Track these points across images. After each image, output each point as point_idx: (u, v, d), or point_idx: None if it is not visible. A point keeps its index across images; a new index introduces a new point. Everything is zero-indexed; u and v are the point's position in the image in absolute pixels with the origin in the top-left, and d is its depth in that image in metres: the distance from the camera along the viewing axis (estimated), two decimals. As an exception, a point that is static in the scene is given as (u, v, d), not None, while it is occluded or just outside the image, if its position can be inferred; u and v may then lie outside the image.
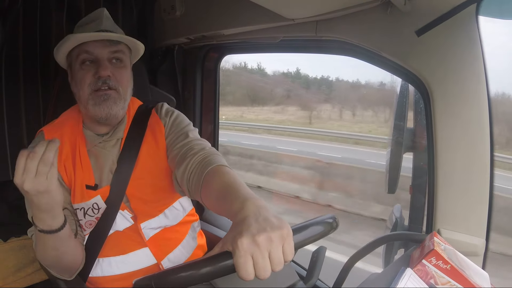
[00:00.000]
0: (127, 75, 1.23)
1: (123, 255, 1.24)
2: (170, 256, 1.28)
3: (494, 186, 1.17)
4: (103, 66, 1.15)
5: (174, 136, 1.26)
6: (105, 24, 1.20)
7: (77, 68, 1.17)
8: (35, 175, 0.89)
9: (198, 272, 0.88)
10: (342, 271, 1.28)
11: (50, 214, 0.99)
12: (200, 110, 2.08)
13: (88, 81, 1.15)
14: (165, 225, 1.29)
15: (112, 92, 1.17)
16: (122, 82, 1.19)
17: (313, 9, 1.26)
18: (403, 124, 1.40)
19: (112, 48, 1.18)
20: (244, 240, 0.70)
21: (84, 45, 1.16)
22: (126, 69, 1.23)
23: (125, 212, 1.23)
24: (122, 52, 1.21)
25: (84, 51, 1.16)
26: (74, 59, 1.18)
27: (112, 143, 1.24)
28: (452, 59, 1.14)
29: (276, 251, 0.71)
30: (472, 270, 0.97)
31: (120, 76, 1.19)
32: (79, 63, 1.16)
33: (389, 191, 1.43)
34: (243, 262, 0.70)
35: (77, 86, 1.18)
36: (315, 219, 1.05)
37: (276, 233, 0.72)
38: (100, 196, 1.20)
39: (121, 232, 1.23)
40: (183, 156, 1.18)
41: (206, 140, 1.25)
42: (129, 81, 1.23)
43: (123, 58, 1.21)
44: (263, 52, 1.86)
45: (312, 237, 0.98)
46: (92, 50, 1.16)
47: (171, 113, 1.32)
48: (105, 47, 1.17)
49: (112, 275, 1.24)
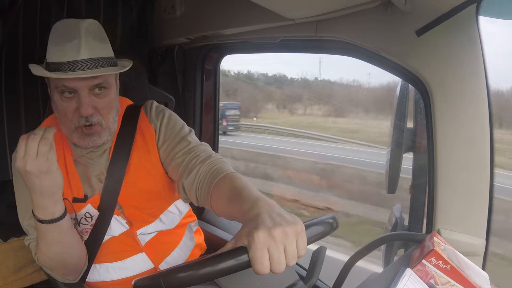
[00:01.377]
0: (112, 101, 1.14)
1: (120, 261, 1.23)
2: (167, 259, 1.28)
3: (494, 186, 1.17)
4: (84, 105, 1.06)
5: (171, 142, 1.21)
6: (84, 50, 1.05)
7: (56, 97, 1.08)
8: (36, 156, 0.91)
9: (212, 268, 0.89)
10: (342, 271, 1.28)
11: (52, 199, 0.99)
12: (200, 110, 2.07)
13: (70, 117, 1.08)
14: (161, 229, 1.27)
15: (96, 128, 1.11)
16: (106, 113, 1.12)
17: (313, 9, 1.26)
18: (403, 124, 1.40)
19: (93, 81, 1.07)
20: (260, 234, 0.71)
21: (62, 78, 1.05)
22: (111, 95, 1.13)
23: (119, 217, 1.21)
24: (106, 81, 1.11)
25: (62, 85, 1.06)
26: (52, 86, 1.10)
27: (99, 154, 1.20)
28: (452, 59, 1.14)
29: (291, 245, 0.73)
30: (472, 270, 0.97)
31: (103, 108, 1.11)
32: (58, 92, 1.07)
33: (389, 191, 1.43)
34: (260, 255, 0.71)
35: (59, 116, 1.11)
36: (315, 219, 1.05)
37: (291, 228, 0.73)
38: (91, 204, 1.17)
39: (117, 237, 1.22)
40: (188, 165, 1.14)
41: (206, 143, 1.23)
42: (113, 105, 1.16)
43: (106, 86, 1.11)
44: (263, 52, 1.86)
45: (313, 237, 0.98)
46: (71, 86, 1.05)
47: (162, 115, 1.25)
48: (85, 81, 1.06)
49: (110, 280, 1.24)
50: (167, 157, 1.20)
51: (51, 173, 0.94)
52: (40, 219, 1.01)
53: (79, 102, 1.06)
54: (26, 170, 0.91)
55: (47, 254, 1.10)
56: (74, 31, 1.06)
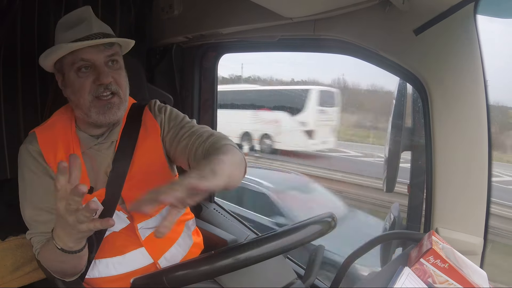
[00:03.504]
0: (124, 76, 1.21)
1: (120, 256, 1.23)
2: (166, 255, 1.28)
3: (492, 185, 1.17)
4: (104, 73, 1.12)
5: (176, 129, 1.25)
6: (95, 26, 1.15)
7: (72, 75, 1.14)
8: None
9: (212, 267, 0.89)
10: (340, 270, 1.28)
11: (76, 241, 0.98)
12: (198, 109, 2.07)
13: (88, 89, 1.13)
14: None
15: (115, 99, 1.15)
16: (122, 84, 1.18)
17: (311, 8, 1.26)
18: (401, 123, 1.40)
19: (107, 52, 1.15)
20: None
21: (78, 52, 1.12)
22: (122, 70, 1.21)
23: (121, 212, 1.22)
24: (117, 53, 1.19)
25: (80, 59, 1.12)
26: (67, 66, 1.15)
27: (107, 145, 1.23)
28: (450, 58, 1.15)
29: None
30: (470, 269, 0.97)
31: (119, 79, 1.17)
32: (74, 70, 1.13)
33: (387, 190, 1.43)
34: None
35: (75, 94, 1.15)
36: (313, 218, 1.05)
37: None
38: (97, 198, 1.18)
39: (118, 232, 1.23)
40: (193, 146, 1.18)
41: (207, 126, 1.26)
42: (126, 81, 1.22)
43: (118, 60, 1.19)
44: (262, 51, 1.86)
45: (311, 236, 0.98)
46: (88, 58, 1.12)
47: (165, 109, 1.32)
48: (101, 52, 1.14)
49: (109, 276, 1.24)
50: (173, 144, 1.25)
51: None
52: (58, 246, 1.00)
53: (98, 72, 1.13)
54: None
55: (49, 264, 1.11)
56: (82, 15, 1.16)
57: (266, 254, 0.95)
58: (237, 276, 1.06)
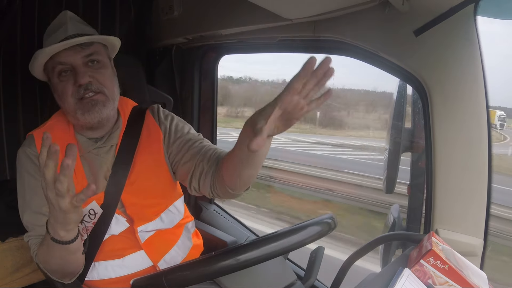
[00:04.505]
0: (109, 74, 1.20)
1: (119, 259, 1.23)
2: (166, 257, 1.28)
3: (492, 186, 1.17)
4: (80, 74, 1.11)
5: (182, 140, 1.25)
6: (71, 28, 1.15)
7: (56, 81, 1.14)
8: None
9: (212, 267, 0.89)
10: (340, 271, 1.28)
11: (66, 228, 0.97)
12: (198, 110, 2.07)
13: (70, 92, 1.12)
14: (161, 228, 1.28)
15: (99, 96, 1.14)
16: (105, 83, 1.16)
17: (311, 9, 1.26)
18: (401, 124, 1.40)
19: (84, 52, 1.14)
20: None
21: (56, 56, 1.12)
22: (106, 68, 1.19)
23: (120, 216, 1.22)
24: (97, 53, 1.17)
25: (58, 63, 1.12)
26: (50, 72, 1.15)
27: (106, 149, 1.23)
28: (450, 59, 1.15)
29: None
30: (470, 270, 0.97)
31: (102, 77, 1.16)
32: (56, 75, 1.13)
33: (387, 191, 1.43)
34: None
35: (60, 99, 1.15)
36: (313, 219, 1.05)
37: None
38: (96, 201, 1.18)
39: (117, 236, 1.23)
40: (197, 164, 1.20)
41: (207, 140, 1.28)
42: (112, 79, 1.20)
43: (99, 59, 1.17)
44: (261, 52, 1.86)
45: (311, 237, 0.99)
46: (64, 60, 1.12)
47: (171, 118, 1.31)
48: (77, 53, 1.13)
49: (108, 278, 1.24)
50: (178, 154, 1.25)
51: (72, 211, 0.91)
52: (51, 237, 0.99)
53: (75, 72, 1.12)
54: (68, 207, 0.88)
55: (47, 261, 1.09)
56: (61, 21, 1.18)
57: (266, 256, 0.95)
58: (237, 277, 1.06)
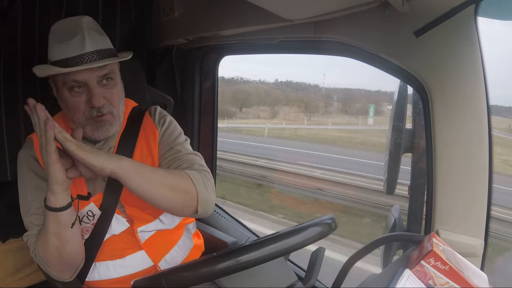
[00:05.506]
0: (119, 91, 1.20)
1: (120, 259, 1.24)
2: (166, 257, 1.28)
3: (492, 187, 1.17)
4: (96, 96, 1.11)
5: (164, 148, 1.26)
6: (88, 43, 1.10)
7: (66, 94, 1.12)
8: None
9: (212, 268, 0.89)
10: (341, 272, 1.28)
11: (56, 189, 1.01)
12: (199, 111, 2.07)
13: (81, 110, 1.12)
14: (161, 228, 1.28)
15: (107, 117, 1.15)
16: (115, 103, 1.17)
17: (312, 10, 1.26)
18: (402, 125, 1.40)
19: (101, 72, 1.13)
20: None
21: (70, 72, 1.09)
22: (117, 85, 1.19)
23: (120, 216, 1.23)
24: (112, 71, 1.17)
25: (72, 80, 1.10)
26: (59, 83, 1.13)
27: (105, 151, 1.21)
28: (450, 60, 1.15)
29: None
30: (470, 271, 0.97)
31: (113, 98, 1.16)
32: (67, 89, 1.12)
33: (388, 192, 1.43)
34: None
35: (69, 111, 1.14)
36: (314, 220, 1.05)
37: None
38: (94, 203, 1.19)
39: (117, 236, 1.23)
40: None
41: (198, 153, 1.27)
42: (121, 96, 1.21)
43: (113, 77, 1.17)
44: (262, 53, 1.86)
45: (311, 238, 0.98)
46: (80, 79, 1.10)
47: (164, 120, 1.31)
48: (94, 72, 1.11)
49: (109, 278, 1.24)
50: (161, 158, 1.26)
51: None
52: (44, 204, 1.03)
53: (91, 93, 1.11)
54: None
55: (44, 245, 1.09)
56: (75, 27, 1.11)
57: (266, 256, 0.95)
58: (237, 278, 1.06)
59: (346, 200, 8.56)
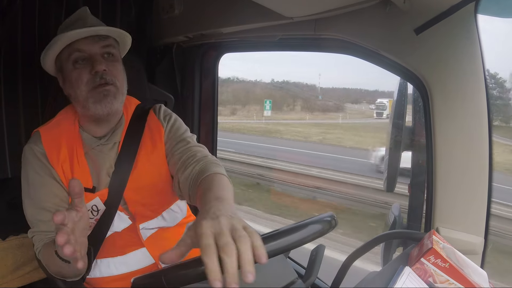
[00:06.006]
0: (121, 69, 1.22)
1: (121, 256, 1.24)
2: None
3: (493, 184, 1.17)
4: (98, 61, 1.14)
5: (174, 141, 1.26)
6: (90, 21, 1.20)
7: (70, 68, 1.16)
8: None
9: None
10: (341, 270, 1.28)
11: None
12: (199, 108, 2.07)
13: (85, 79, 1.14)
14: (163, 226, 1.28)
15: (111, 87, 1.16)
16: (118, 76, 1.19)
17: (312, 8, 1.26)
18: (402, 122, 1.40)
19: (102, 43, 1.18)
20: (204, 220, 0.70)
21: (74, 44, 1.15)
22: (119, 63, 1.23)
23: (122, 213, 1.23)
24: (112, 46, 1.21)
25: (76, 50, 1.15)
26: (65, 60, 1.17)
27: (110, 147, 1.24)
28: (451, 58, 1.14)
29: (242, 243, 0.66)
30: (470, 269, 0.97)
31: (115, 70, 1.19)
32: (71, 63, 1.16)
33: (388, 190, 1.43)
34: (205, 244, 0.65)
35: (73, 87, 1.16)
36: (313, 217, 1.05)
37: (240, 223, 0.70)
38: (99, 198, 1.19)
39: (119, 233, 1.23)
40: (185, 163, 1.18)
41: (204, 146, 1.27)
42: (123, 74, 1.23)
43: (114, 52, 1.21)
44: (262, 50, 1.86)
45: (311, 235, 0.98)
46: (83, 48, 1.15)
47: (169, 117, 1.32)
48: (96, 42, 1.17)
49: (110, 275, 1.24)
50: (168, 154, 1.26)
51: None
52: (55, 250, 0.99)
53: (93, 60, 1.15)
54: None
55: (49, 265, 1.11)
56: (80, 15, 1.22)
57: (266, 254, 0.94)
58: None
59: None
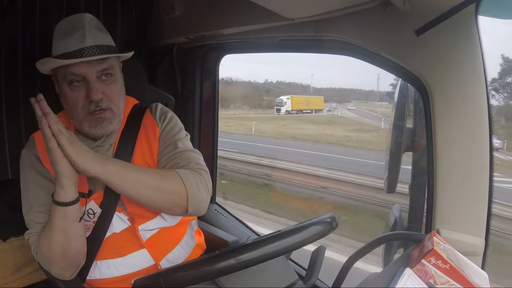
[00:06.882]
0: (119, 88, 1.20)
1: (121, 257, 1.23)
2: (168, 256, 1.27)
3: (493, 185, 1.17)
4: (93, 90, 1.12)
5: (164, 144, 1.26)
6: (89, 38, 1.12)
7: (66, 88, 1.14)
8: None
9: (212, 268, 0.89)
10: (342, 271, 1.28)
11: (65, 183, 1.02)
12: (200, 110, 2.07)
13: (80, 105, 1.13)
14: (163, 226, 1.28)
15: (107, 113, 1.15)
16: (115, 99, 1.17)
17: (313, 9, 1.26)
18: (403, 123, 1.40)
19: (100, 66, 1.14)
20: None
21: (69, 66, 1.11)
22: (117, 82, 1.20)
23: (121, 214, 1.22)
24: (112, 67, 1.17)
25: (70, 73, 1.11)
26: (60, 77, 1.15)
27: (105, 148, 1.23)
28: (451, 59, 1.15)
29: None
30: (471, 270, 0.97)
31: (112, 93, 1.17)
32: (67, 83, 1.13)
33: (388, 191, 1.43)
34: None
35: (69, 107, 1.16)
36: (314, 219, 1.05)
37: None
38: (94, 201, 1.19)
39: (118, 234, 1.23)
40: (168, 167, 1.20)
41: (197, 151, 1.27)
42: (120, 93, 1.21)
43: (112, 73, 1.18)
44: (263, 51, 1.86)
45: (312, 237, 0.98)
46: (79, 73, 1.11)
47: (165, 116, 1.31)
48: (93, 66, 1.12)
49: (110, 277, 1.24)
50: (158, 156, 1.26)
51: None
52: (52, 199, 1.04)
53: (88, 87, 1.12)
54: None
55: (49, 242, 1.10)
56: (77, 23, 1.14)
57: (267, 255, 0.95)
58: (238, 277, 1.06)
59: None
